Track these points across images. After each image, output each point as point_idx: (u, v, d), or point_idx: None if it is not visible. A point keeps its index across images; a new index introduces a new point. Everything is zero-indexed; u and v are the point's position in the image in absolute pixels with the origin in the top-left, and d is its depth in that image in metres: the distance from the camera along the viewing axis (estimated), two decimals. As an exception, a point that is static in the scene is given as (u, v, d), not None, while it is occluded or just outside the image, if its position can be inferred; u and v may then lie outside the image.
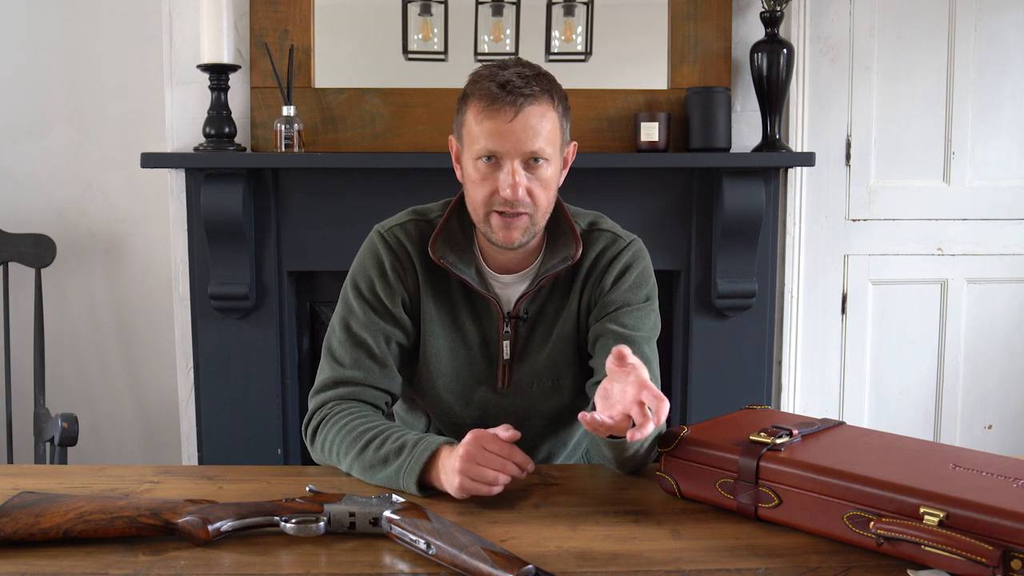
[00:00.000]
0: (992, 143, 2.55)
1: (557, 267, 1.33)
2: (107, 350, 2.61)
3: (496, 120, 1.22)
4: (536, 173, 1.25)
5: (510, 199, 1.23)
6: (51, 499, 1.04)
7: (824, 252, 2.55)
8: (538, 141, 1.23)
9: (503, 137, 1.22)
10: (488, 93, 1.22)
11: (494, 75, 1.23)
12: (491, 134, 1.22)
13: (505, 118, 1.21)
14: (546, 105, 1.24)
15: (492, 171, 1.25)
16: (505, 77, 1.22)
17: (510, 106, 1.21)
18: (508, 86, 1.21)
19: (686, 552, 0.99)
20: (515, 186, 1.23)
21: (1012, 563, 0.85)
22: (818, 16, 2.48)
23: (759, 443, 1.07)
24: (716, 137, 2.31)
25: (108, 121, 2.53)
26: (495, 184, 1.24)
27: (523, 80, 1.22)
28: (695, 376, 2.46)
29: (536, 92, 1.23)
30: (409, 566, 0.95)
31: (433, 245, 1.33)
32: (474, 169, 1.27)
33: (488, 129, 1.23)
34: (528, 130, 1.22)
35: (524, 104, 1.21)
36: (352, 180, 2.33)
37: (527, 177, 1.24)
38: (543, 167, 1.25)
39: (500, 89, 1.21)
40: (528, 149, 1.23)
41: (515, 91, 1.21)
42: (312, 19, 2.34)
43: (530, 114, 1.22)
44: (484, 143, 1.24)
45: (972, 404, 2.64)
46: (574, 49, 2.40)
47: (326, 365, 1.35)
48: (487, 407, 1.39)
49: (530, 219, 1.27)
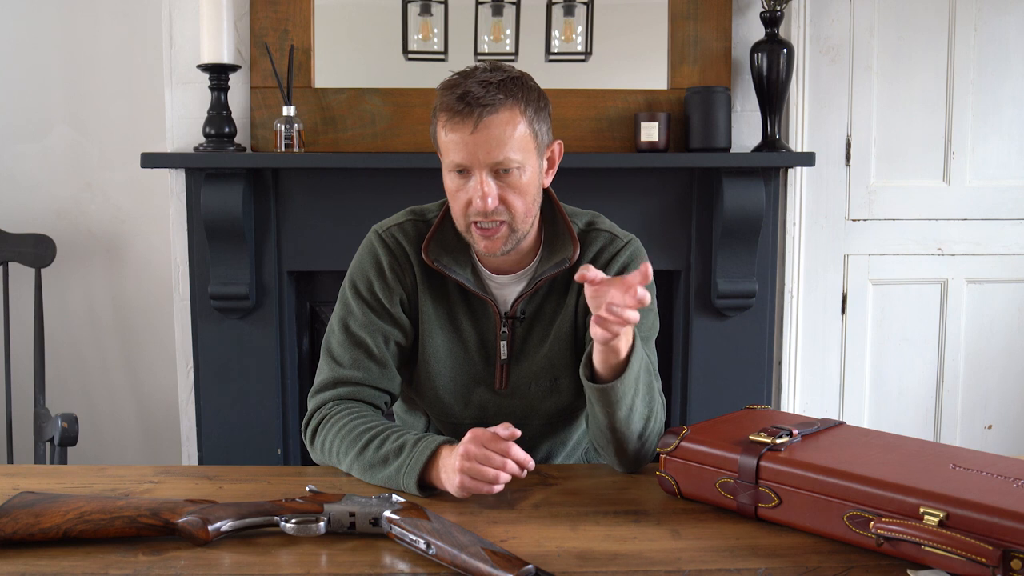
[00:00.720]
0: (992, 143, 2.55)
1: (554, 269, 1.33)
2: (107, 350, 2.61)
3: (459, 132, 1.21)
4: (508, 181, 1.24)
5: (480, 210, 1.23)
6: (51, 499, 1.04)
7: (824, 252, 2.55)
8: (503, 151, 1.21)
9: (466, 149, 1.21)
10: (449, 105, 1.21)
11: (456, 85, 1.22)
12: (455, 147, 1.22)
13: (466, 130, 1.21)
14: (511, 112, 1.22)
15: (464, 182, 1.25)
16: (465, 88, 1.21)
17: (468, 117, 1.20)
18: (467, 97, 1.20)
19: (686, 552, 0.99)
20: (484, 197, 1.22)
21: (1012, 563, 0.85)
22: (818, 16, 2.48)
23: (759, 443, 1.07)
24: (716, 137, 2.31)
25: (108, 121, 2.53)
26: (468, 195, 1.25)
27: (484, 89, 1.20)
28: (695, 376, 2.46)
29: (498, 100, 1.20)
30: (409, 566, 0.95)
31: (427, 248, 1.33)
32: (449, 181, 1.27)
33: (453, 141, 1.22)
34: (491, 140, 1.21)
35: (484, 114, 1.20)
36: (352, 180, 2.34)
37: (499, 186, 1.24)
38: (515, 174, 1.24)
39: (459, 101, 1.20)
40: (492, 160, 1.22)
41: (473, 102, 1.19)
42: (312, 19, 2.34)
43: (491, 124, 1.20)
44: (451, 156, 1.24)
45: (972, 404, 2.64)
46: (574, 49, 2.40)
47: (325, 365, 1.35)
48: (485, 407, 1.39)
49: (509, 227, 1.27)
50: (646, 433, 1.23)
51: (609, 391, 1.17)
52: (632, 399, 1.18)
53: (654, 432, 1.25)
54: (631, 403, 1.18)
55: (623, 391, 1.17)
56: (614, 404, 1.17)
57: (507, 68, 1.27)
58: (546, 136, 1.30)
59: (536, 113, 1.26)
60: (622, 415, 1.19)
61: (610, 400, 1.17)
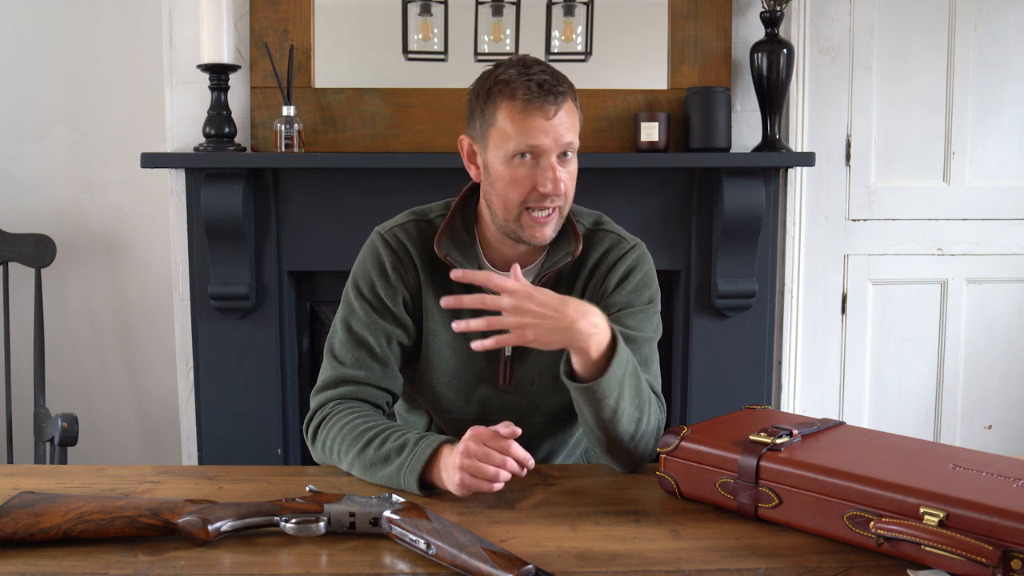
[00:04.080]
0: (992, 143, 2.55)
1: (558, 263, 1.35)
2: (107, 350, 2.61)
3: (537, 117, 1.25)
4: (567, 167, 1.29)
5: (551, 193, 1.27)
6: (51, 499, 1.04)
7: (824, 252, 2.55)
8: (572, 134, 1.28)
9: (545, 133, 1.26)
10: (528, 92, 1.26)
11: (527, 74, 1.27)
12: (532, 130, 1.25)
13: (547, 115, 1.25)
14: (572, 100, 1.30)
15: (529, 168, 1.27)
16: (538, 76, 1.27)
17: (551, 104, 1.25)
18: (546, 85, 1.26)
19: (686, 552, 0.99)
20: (557, 180, 1.27)
21: (1012, 563, 0.85)
22: (818, 16, 2.48)
23: (759, 443, 1.07)
24: (716, 137, 2.31)
25: (108, 121, 2.53)
26: (533, 181, 1.27)
27: (555, 79, 1.27)
28: (695, 376, 2.46)
29: (567, 88, 1.29)
30: (409, 566, 0.95)
31: (438, 242, 1.35)
32: (507, 168, 1.28)
33: (530, 127, 1.25)
34: (566, 123, 1.27)
35: (562, 100, 1.26)
36: (352, 180, 2.34)
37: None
38: (572, 160, 1.31)
39: (539, 88, 1.25)
40: (566, 142, 1.27)
41: (552, 90, 1.26)
42: (312, 19, 2.34)
43: (567, 109, 1.27)
44: (524, 140, 1.26)
45: (972, 404, 2.64)
46: (574, 49, 2.40)
47: (328, 365, 1.35)
48: (488, 404, 1.39)
49: (559, 212, 1.31)
50: (638, 435, 1.23)
51: (587, 391, 1.18)
52: (616, 401, 1.19)
53: (647, 433, 1.25)
54: (615, 405, 1.19)
55: (602, 392, 1.18)
56: (594, 404, 1.19)
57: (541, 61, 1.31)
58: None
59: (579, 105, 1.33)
60: (606, 416, 1.19)
61: (590, 400, 1.19)
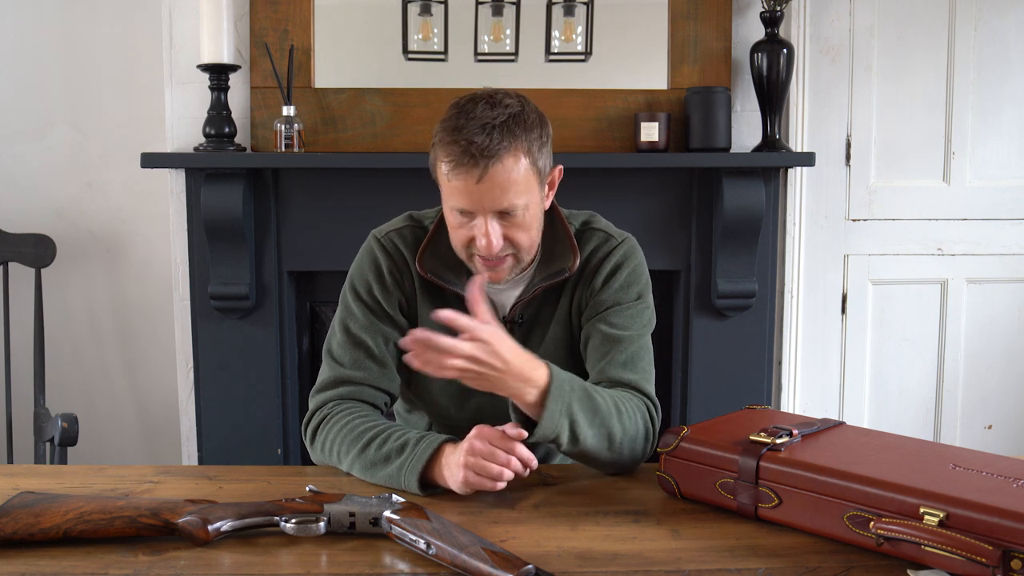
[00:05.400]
0: (992, 143, 2.55)
1: (553, 278, 1.34)
2: (107, 350, 2.61)
3: (463, 180, 1.20)
4: (512, 221, 1.24)
5: (484, 251, 1.24)
6: (51, 499, 1.04)
7: (824, 252, 2.55)
8: (508, 197, 1.21)
9: (471, 198, 1.21)
10: (452, 155, 1.19)
11: (459, 129, 1.19)
12: (459, 193, 1.21)
13: (471, 180, 1.19)
14: (516, 155, 1.20)
15: (467, 221, 1.25)
16: (468, 136, 1.18)
17: (474, 169, 1.18)
18: (471, 149, 1.17)
19: (686, 552, 0.99)
20: (488, 241, 1.22)
21: (1012, 563, 0.85)
22: (818, 16, 2.47)
23: (759, 443, 1.07)
24: (716, 137, 2.31)
25: (108, 121, 2.53)
26: (471, 233, 1.25)
27: (487, 137, 1.17)
28: (695, 376, 2.46)
29: (502, 148, 1.18)
30: (409, 566, 0.95)
31: (421, 260, 1.34)
32: (451, 217, 1.27)
33: (457, 188, 1.21)
34: (496, 188, 1.20)
35: (490, 165, 1.18)
36: (352, 180, 2.34)
37: (503, 225, 1.23)
38: (519, 215, 1.23)
39: (463, 153, 1.18)
40: (497, 207, 1.21)
41: (478, 154, 1.17)
42: (312, 19, 2.34)
43: (497, 173, 1.19)
44: (454, 200, 1.23)
45: (972, 404, 2.63)
46: (574, 49, 2.40)
47: (326, 366, 1.36)
48: (482, 409, 1.39)
49: (514, 259, 1.28)
50: (615, 446, 1.20)
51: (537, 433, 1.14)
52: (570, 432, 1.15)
53: (626, 440, 1.21)
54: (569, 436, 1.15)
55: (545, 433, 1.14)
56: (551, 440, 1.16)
57: (506, 102, 1.23)
58: (547, 165, 1.28)
59: (539, 149, 1.24)
60: (566, 449, 1.17)
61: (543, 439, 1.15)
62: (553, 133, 1.32)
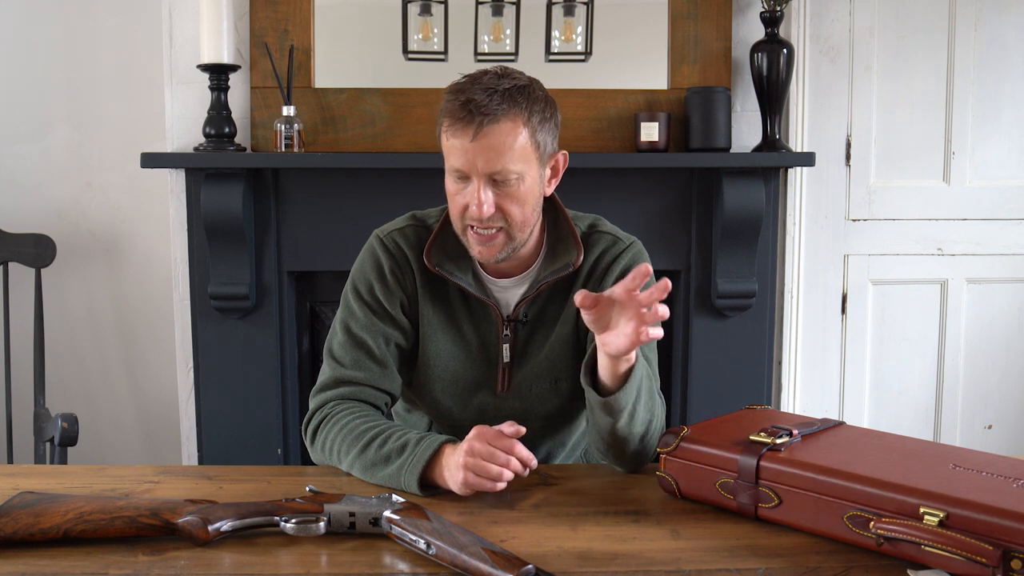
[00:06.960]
0: (992, 143, 2.55)
1: (558, 273, 1.34)
2: (107, 350, 2.61)
3: (459, 139, 1.21)
4: (506, 190, 1.24)
5: (476, 216, 1.24)
6: (51, 499, 1.04)
7: (824, 252, 2.55)
8: (502, 161, 1.21)
9: (465, 156, 1.21)
10: (452, 111, 1.21)
11: (461, 90, 1.21)
12: (455, 152, 1.22)
13: (466, 137, 1.20)
14: (513, 122, 1.20)
15: (463, 187, 1.25)
16: (469, 94, 1.20)
17: (468, 125, 1.19)
18: (470, 105, 1.19)
19: (686, 552, 0.99)
20: (480, 204, 1.22)
21: (1012, 563, 0.85)
22: (818, 16, 2.48)
23: (759, 443, 1.07)
24: (716, 137, 2.31)
25: (108, 121, 2.53)
26: (466, 199, 1.25)
27: (488, 97, 1.19)
28: (695, 376, 2.46)
29: (500, 110, 1.19)
30: (409, 566, 0.95)
31: (428, 253, 1.34)
32: (449, 183, 1.27)
33: (453, 147, 1.22)
34: (490, 150, 1.20)
35: (485, 123, 1.19)
36: (352, 180, 2.34)
37: (496, 194, 1.23)
38: (514, 184, 1.23)
39: (461, 108, 1.19)
40: (491, 169, 1.21)
41: (475, 110, 1.18)
42: (312, 19, 2.34)
43: (491, 133, 1.19)
44: (451, 160, 1.24)
45: (972, 404, 2.64)
46: (574, 49, 2.40)
47: (327, 366, 1.36)
48: (485, 409, 1.39)
49: (507, 235, 1.27)
50: (648, 435, 1.23)
51: (613, 401, 1.16)
52: (634, 406, 1.18)
53: (655, 433, 1.25)
54: (632, 410, 1.18)
55: (626, 400, 1.16)
56: (617, 412, 1.17)
57: (516, 75, 1.25)
58: (551, 146, 1.28)
59: (541, 123, 1.24)
60: (623, 422, 1.18)
61: (613, 409, 1.17)
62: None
